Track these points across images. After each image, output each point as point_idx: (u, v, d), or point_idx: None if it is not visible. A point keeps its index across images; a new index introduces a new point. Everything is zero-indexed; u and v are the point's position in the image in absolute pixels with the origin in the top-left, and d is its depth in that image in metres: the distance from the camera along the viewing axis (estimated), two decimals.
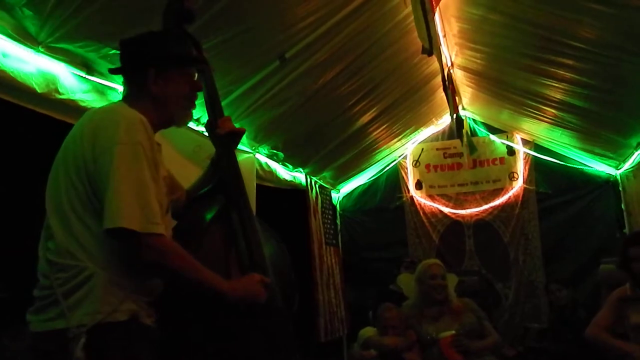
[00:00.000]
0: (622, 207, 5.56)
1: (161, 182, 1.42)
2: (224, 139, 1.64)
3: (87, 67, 2.24)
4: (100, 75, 2.32)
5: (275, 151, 4.36)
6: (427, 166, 6.33)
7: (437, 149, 6.30)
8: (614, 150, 5.08)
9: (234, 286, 1.43)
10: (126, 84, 1.51)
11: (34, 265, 1.36)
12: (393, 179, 6.41)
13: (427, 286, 3.18)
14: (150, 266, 1.33)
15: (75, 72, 2.22)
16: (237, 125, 3.59)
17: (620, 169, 5.45)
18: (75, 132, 1.40)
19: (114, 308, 1.28)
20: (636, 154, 4.76)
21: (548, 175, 5.89)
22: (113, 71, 1.53)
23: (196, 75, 1.57)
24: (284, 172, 4.82)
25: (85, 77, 2.26)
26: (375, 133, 5.25)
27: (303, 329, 4.97)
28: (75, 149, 1.35)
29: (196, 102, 1.56)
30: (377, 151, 5.86)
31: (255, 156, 4.15)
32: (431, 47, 2.36)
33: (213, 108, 1.68)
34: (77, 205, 1.31)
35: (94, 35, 2.12)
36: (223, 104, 3.23)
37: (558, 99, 4.30)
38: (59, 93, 2.11)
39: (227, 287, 1.41)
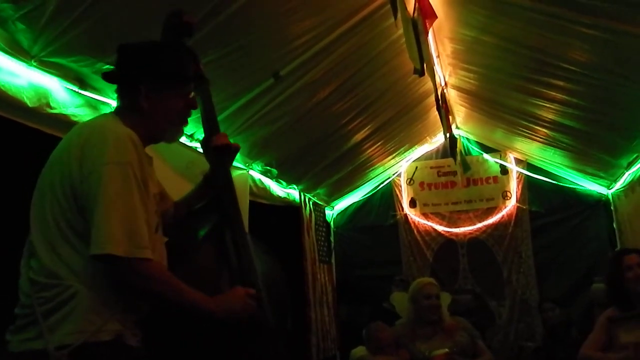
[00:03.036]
0: (614, 226, 5.60)
1: (151, 200, 1.39)
2: (219, 154, 1.62)
3: (80, 81, 2.24)
4: (94, 90, 2.31)
5: (269, 167, 4.36)
6: (421, 184, 6.35)
7: (431, 168, 6.32)
8: (606, 170, 5.13)
9: (220, 303, 1.41)
10: (119, 94, 1.48)
11: (17, 282, 1.33)
12: (387, 197, 6.42)
13: (421, 306, 3.16)
14: (137, 290, 1.31)
15: (68, 87, 2.21)
16: (230, 141, 3.66)
17: (611, 188, 5.50)
18: (63, 147, 1.37)
19: (98, 328, 1.25)
20: (627, 174, 4.80)
21: (541, 194, 5.93)
22: (107, 77, 1.48)
23: (192, 91, 1.54)
24: (278, 189, 4.81)
25: (78, 92, 2.25)
26: (369, 151, 5.27)
27: (295, 347, 4.91)
28: (62, 166, 1.32)
29: (190, 119, 1.55)
30: (371, 169, 5.87)
31: (249, 172, 4.14)
32: (422, 68, 2.39)
33: (209, 124, 1.66)
34: (62, 222, 1.29)
35: (89, 50, 2.12)
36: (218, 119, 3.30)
37: (550, 119, 4.35)
38: (51, 107, 2.10)
39: (213, 306, 1.39)
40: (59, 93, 2.17)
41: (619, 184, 5.21)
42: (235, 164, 3.93)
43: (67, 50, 2.07)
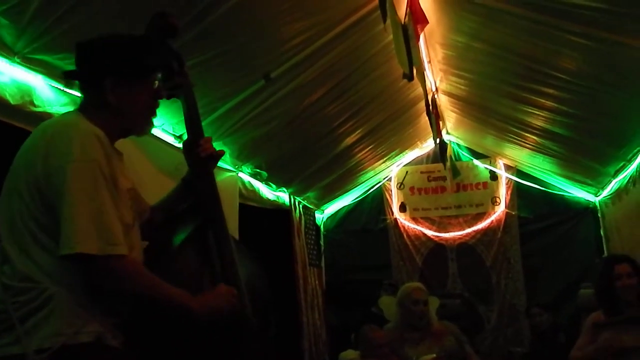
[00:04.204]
0: (601, 233, 5.66)
1: (124, 195, 1.36)
2: (202, 161, 1.60)
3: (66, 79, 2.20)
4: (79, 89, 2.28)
5: (258, 170, 4.34)
6: (412, 189, 6.36)
7: (422, 172, 6.34)
8: (593, 177, 5.17)
9: (202, 301, 1.38)
10: (82, 91, 1.44)
11: None
12: (377, 201, 6.42)
13: (408, 311, 3.15)
14: (114, 288, 1.28)
15: (53, 85, 2.17)
16: (220, 143, 3.63)
17: (599, 195, 5.55)
18: (27, 147, 1.34)
19: (77, 330, 1.22)
20: (614, 181, 4.85)
21: (529, 200, 5.97)
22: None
23: (156, 83, 1.49)
24: (268, 192, 4.79)
25: (63, 90, 2.21)
26: (360, 154, 5.26)
27: (288, 352, 4.88)
28: (27, 166, 1.29)
29: (178, 120, 1.52)
30: (361, 173, 5.87)
31: (238, 175, 4.12)
32: (411, 73, 2.38)
33: (193, 127, 1.62)
34: (32, 224, 1.25)
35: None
36: (206, 121, 3.27)
37: (539, 126, 4.38)
38: (35, 105, 2.06)
39: (195, 304, 1.36)
40: (43, 91, 2.13)
41: (606, 192, 5.25)
42: (224, 165, 3.91)
43: (53, 47, 2.03)
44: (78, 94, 2.28)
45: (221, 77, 2.95)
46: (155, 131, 2.99)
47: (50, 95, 2.16)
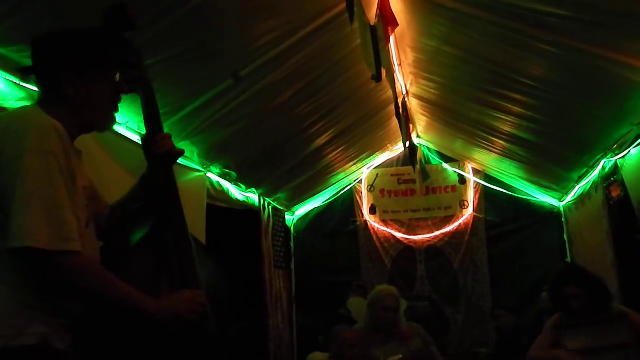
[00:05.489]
0: (565, 237, 5.80)
1: (80, 193, 1.31)
2: (161, 158, 1.55)
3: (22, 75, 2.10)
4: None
5: (227, 170, 4.27)
6: (382, 191, 6.39)
7: (392, 175, 6.38)
8: (558, 183, 5.30)
9: (163, 304, 1.33)
10: (39, 85, 1.39)
11: None
12: (348, 203, 6.43)
13: (378, 317, 3.16)
14: (64, 287, 1.21)
15: (8, 79, 2.07)
16: (187, 143, 3.55)
17: (563, 201, 5.70)
18: None
19: (19, 331, 1.15)
20: (577, 187, 4.98)
21: (497, 204, 6.08)
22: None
23: (119, 76, 1.45)
24: (237, 192, 4.72)
25: (19, 84, 2.11)
26: (331, 156, 5.25)
27: (255, 355, 4.82)
28: None
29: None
30: (332, 174, 5.86)
31: (207, 175, 4.04)
32: (379, 74, 2.38)
33: (151, 122, 1.57)
34: None
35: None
36: (173, 120, 3.20)
37: (507, 131, 4.45)
38: None
39: (154, 307, 1.30)
40: None
41: (570, 197, 5.40)
42: (192, 165, 3.84)
43: (7, 39, 1.93)
44: (35, 88, 2.19)
45: (188, 75, 2.88)
46: (118, 129, 2.90)
47: (5, 89, 2.06)
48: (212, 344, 1.50)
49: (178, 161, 3.90)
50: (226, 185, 4.47)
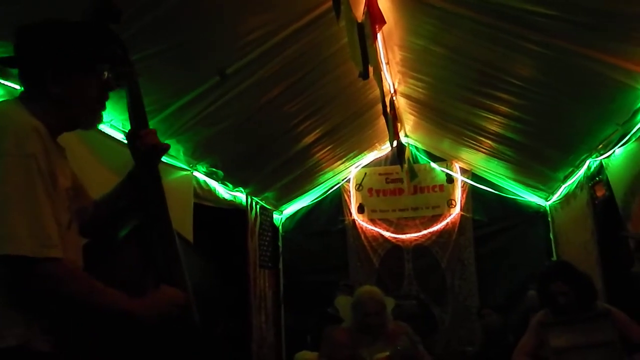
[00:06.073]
0: (551, 236, 5.85)
1: (61, 195, 1.27)
2: (146, 153, 1.52)
3: (1, 69, 2.05)
4: (17, 79, 2.12)
5: (214, 169, 4.23)
6: (370, 190, 6.39)
7: (380, 174, 6.38)
8: (544, 182, 5.35)
9: (146, 303, 1.30)
10: (21, 80, 1.34)
11: None
12: (336, 202, 6.42)
13: (361, 321, 3.16)
14: (46, 294, 1.18)
15: None
16: (173, 141, 3.50)
17: (549, 200, 5.75)
18: None
19: None
20: (563, 186, 5.02)
21: (484, 203, 6.11)
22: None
23: (106, 74, 1.41)
24: (224, 192, 4.68)
25: None
26: (318, 154, 5.23)
27: (239, 354, 4.79)
28: None
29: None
30: (320, 173, 5.84)
31: (193, 174, 4.00)
32: (366, 71, 2.37)
33: (136, 118, 1.54)
34: None
35: (10, 34, 1.93)
36: (159, 118, 3.15)
37: (494, 131, 4.47)
38: None
39: (138, 308, 1.28)
40: None
41: (555, 196, 5.44)
42: (178, 164, 3.79)
43: None
44: (17, 85, 2.13)
45: (173, 72, 2.83)
46: (103, 127, 2.85)
47: None
48: (198, 341, 1.48)
49: (163, 160, 3.85)
50: (213, 184, 4.43)
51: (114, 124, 2.93)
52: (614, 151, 3.53)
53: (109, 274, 1.32)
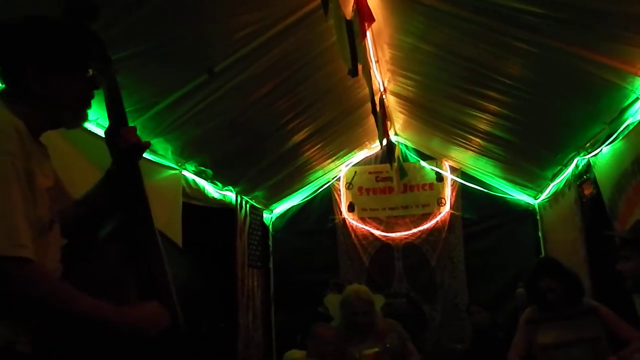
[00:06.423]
0: (539, 234, 5.89)
1: (41, 194, 1.25)
2: (126, 152, 1.49)
3: None
4: None
5: (203, 168, 4.20)
6: (360, 189, 6.39)
7: (370, 173, 6.38)
8: (533, 181, 5.38)
9: (124, 314, 1.28)
10: (2, 77, 1.31)
11: None
12: (326, 201, 6.41)
13: (349, 320, 3.16)
14: (16, 295, 1.15)
15: None
16: (161, 139, 3.47)
17: (538, 198, 5.79)
18: None
19: None
20: (551, 185, 5.06)
21: (473, 202, 6.14)
22: None
23: (92, 72, 1.39)
24: (213, 191, 4.65)
25: None
26: (308, 153, 5.21)
27: (224, 354, 4.77)
28: None
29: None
30: (310, 172, 5.83)
31: (182, 173, 3.97)
32: (355, 69, 2.36)
33: (115, 115, 1.50)
34: None
35: None
36: (146, 116, 3.12)
37: (483, 129, 4.49)
38: None
39: (117, 318, 1.25)
40: None
41: (544, 195, 5.48)
42: (167, 163, 3.76)
43: None
44: None
45: (161, 70, 2.81)
46: (89, 125, 2.81)
47: None
48: (181, 341, 1.47)
49: (152, 159, 3.81)
50: (202, 183, 4.41)
51: (100, 122, 2.89)
52: (602, 150, 3.56)
53: (89, 274, 1.30)
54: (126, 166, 1.48)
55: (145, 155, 3.39)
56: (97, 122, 2.86)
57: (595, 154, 3.69)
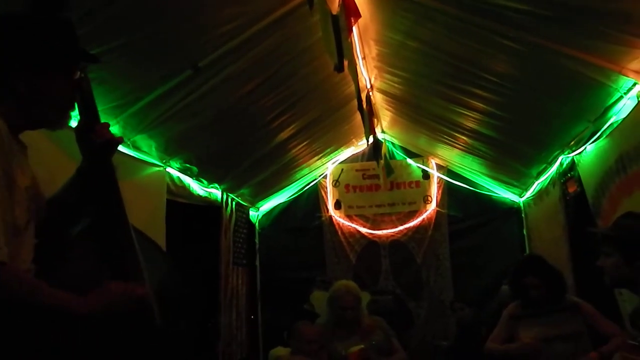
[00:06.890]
0: (524, 232, 5.95)
1: (19, 194, 1.22)
2: (101, 148, 1.45)
3: None
4: None
5: (188, 165, 4.14)
6: (347, 186, 6.38)
7: (357, 170, 6.38)
8: (518, 179, 5.42)
9: (91, 303, 1.25)
10: None
11: None
12: (313, 199, 6.39)
13: (337, 315, 3.16)
14: None
15: None
16: (145, 136, 3.41)
17: (523, 196, 5.83)
18: None
19: None
20: (536, 183, 5.10)
21: (459, 199, 6.17)
22: None
23: (78, 72, 1.36)
24: (198, 188, 4.60)
25: None
26: (295, 150, 5.18)
27: (206, 352, 4.74)
28: None
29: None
30: (297, 169, 5.80)
31: (166, 170, 3.91)
32: (341, 64, 2.34)
33: (87, 111, 1.46)
34: None
35: None
36: (129, 112, 3.06)
37: (469, 127, 4.51)
38: None
39: (83, 307, 1.23)
40: None
41: (529, 193, 5.53)
42: (151, 160, 3.70)
43: None
44: None
45: (143, 65, 2.74)
46: (74, 124, 2.75)
47: None
48: (159, 339, 1.44)
49: (135, 156, 3.73)
50: (187, 180, 4.35)
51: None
52: (585, 148, 3.59)
53: (62, 272, 1.28)
54: (100, 162, 1.45)
55: (129, 152, 3.39)
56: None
57: (580, 152, 3.72)
